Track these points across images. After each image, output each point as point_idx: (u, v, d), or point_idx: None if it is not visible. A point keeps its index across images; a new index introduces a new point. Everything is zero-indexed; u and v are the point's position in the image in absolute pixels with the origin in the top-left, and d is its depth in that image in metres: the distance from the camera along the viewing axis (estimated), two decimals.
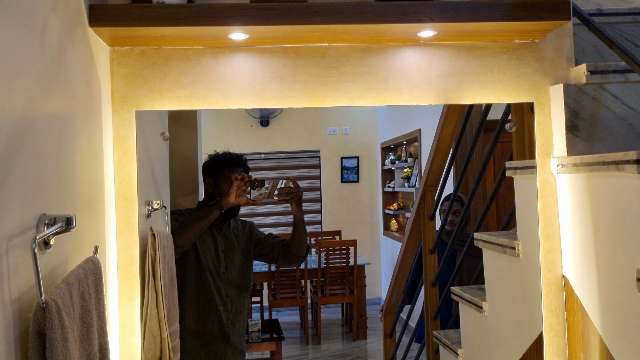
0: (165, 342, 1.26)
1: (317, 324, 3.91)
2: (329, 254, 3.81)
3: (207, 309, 1.65)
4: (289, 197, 1.58)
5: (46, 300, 0.70)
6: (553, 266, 1.21)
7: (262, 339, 2.78)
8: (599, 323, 1.09)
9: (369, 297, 4.31)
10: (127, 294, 1.15)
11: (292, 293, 3.87)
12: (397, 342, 2.64)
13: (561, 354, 1.21)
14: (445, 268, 2.08)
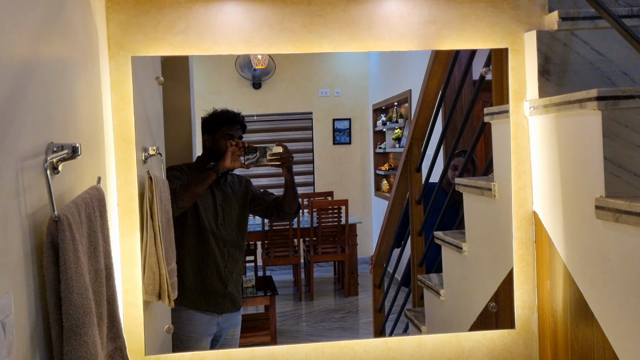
0: (164, 278, 1.35)
1: (310, 281, 4.03)
2: (321, 213, 3.90)
3: (205, 259, 1.74)
4: (280, 162, 1.70)
5: (59, 215, 0.78)
6: (524, 202, 1.31)
7: (256, 294, 2.89)
8: (563, 252, 1.19)
9: (360, 256, 4.42)
10: (127, 228, 1.24)
11: (285, 252, 3.97)
12: (385, 292, 2.76)
13: (530, 282, 1.31)
14: (432, 219, 2.17)
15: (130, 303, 1.23)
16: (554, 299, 1.24)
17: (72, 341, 0.79)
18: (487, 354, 1.31)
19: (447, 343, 1.31)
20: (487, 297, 1.45)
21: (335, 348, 1.29)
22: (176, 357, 1.26)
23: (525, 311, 1.32)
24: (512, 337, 1.31)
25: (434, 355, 1.31)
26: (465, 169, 1.98)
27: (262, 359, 1.27)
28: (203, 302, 1.73)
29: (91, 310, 0.82)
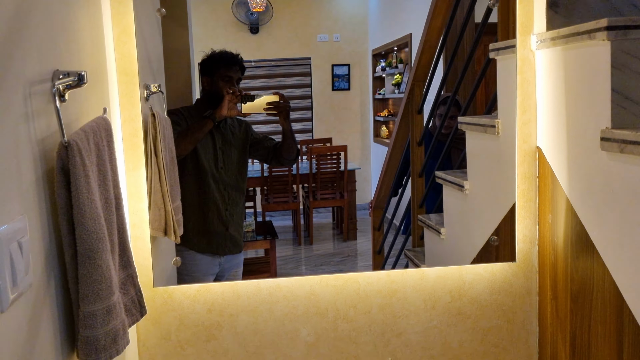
0: (169, 215, 1.36)
1: (309, 226, 4.08)
2: (320, 160, 3.91)
3: (206, 202, 1.75)
4: (277, 111, 1.70)
5: (68, 140, 0.78)
6: (528, 137, 1.31)
7: (256, 239, 2.93)
8: (566, 185, 1.20)
9: (359, 202, 4.47)
10: (132, 163, 1.24)
11: (284, 197, 4.00)
12: (384, 235, 2.80)
13: (531, 216, 1.33)
14: (432, 163, 2.18)
15: (137, 237, 1.25)
16: (555, 233, 1.26)
17: (86, 265, 0.80)
18: (488, 286, 1.34)
19: (448, 276, 1.34)
20: (488, 233, 1.47)
21: (339, 280, 1.32)
22: (183, 288, 1.28)
23: (526, 245, 1.34)
24: (512, 270, 1.34)
25: (435, 288, 1.34)
26: (447, 115, 1.98)
27: (267, 290, 1.30)
28: (205, 244, 1.75)
29: (104, 235, 0.83)
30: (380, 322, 1.32)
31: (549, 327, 1.31)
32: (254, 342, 1.29)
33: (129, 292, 0.99)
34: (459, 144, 1.84)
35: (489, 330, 1.34)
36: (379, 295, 1.32)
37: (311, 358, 1.30)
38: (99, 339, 0.83)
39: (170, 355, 1.27)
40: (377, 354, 1.32)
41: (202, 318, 1.28)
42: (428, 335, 1.33)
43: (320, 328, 1.30)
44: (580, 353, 1.18)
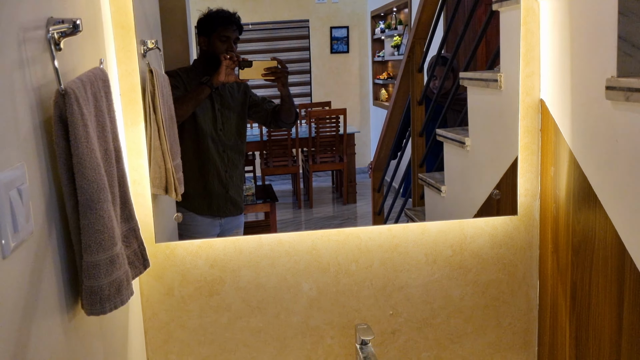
0: (170, 172, 1.35)
1: (309, 190, 4.08)
2: (319, 123, 3.89)
3: (205, 164, 1.74)
4: (275, 77, 1.70)
5: (65, 88, 0.76)
6: (531, 90, 1.29)
7: (256, 202, 2.93)
8: (569, 137, 1.19)
9: (359, 166, 4.46)
10: (131, 119, 1.23)
11: (284, 161, 4.00)
12: (384, 197, 2.81)
13: (534, 170, 1.33)
14: (431, 125, 2.16)
15: (138, 193, 1.25)
16: (557, 185, 1.25)
17: (88, 215, 0.80)
18: (489, 240, 1.35)
19: (450, 230, 1.35)
20: (489, 188, 1.47)
21: (340, 235, 1.32)
22: (185, 244, 1.29)
23: (528, 198, 1.34)
24: (513, 224, 1.35)
25: (437, 242, 1.34)
26: (446, 77, 1.95)
27: (269, 245, 1.31)
28: (205, 206, 1.75)
29: (105, 186, 0.83)
30: (381, 277, 1.33)
31: (549, 280, 1.32)
32: (257, 296, 1.30)
33: (132, 245, 0.99)
34: (457, 106, 1.82)
35: (490, 284, 1.35)
36: (380, 250, 1.33)
37: (313, 312, 1.32)
38: (103, 289, 0.83)
39: (174, 310, 1.28)
40: (379, 308, 1.33)
41: (205, 273, 1.28)
42: (429, 288, 1.34)
43: (322, 282, 1.31)
44: (580, 305, 1.19)
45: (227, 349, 1.30)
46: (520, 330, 1.38)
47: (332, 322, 1.32)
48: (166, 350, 1.29)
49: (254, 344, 1.31)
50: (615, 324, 1.07)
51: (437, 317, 1.35)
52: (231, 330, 1.30)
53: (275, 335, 1.31)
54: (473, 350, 1.37)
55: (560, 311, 1.27)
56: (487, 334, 1.37)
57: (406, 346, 1.35)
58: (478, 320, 1.36)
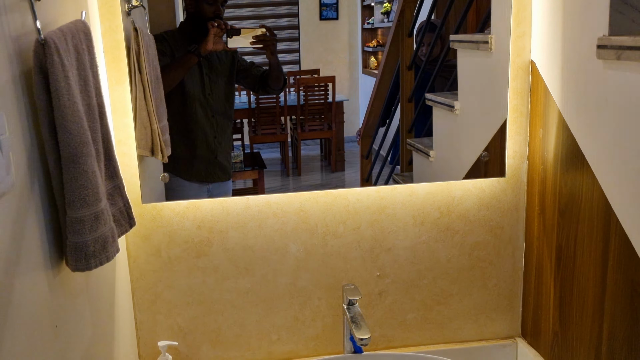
0: (156, 134, 1.33)
1: (297, 158, 4.07)
2: (308, 91, 3.85)
3: (193, 128, 1.72)
4: (264, 45, 1.68)
5: (45, 38, 0.74)
6: (522, 51, 1.28)
7: (244, 169, 2.92)
8: (559, 99, 1.18)
9: (347, 134, 4.45)
10: (115, 77, 1.20)
11: (272, 129, 3.97)
12: (372, 163, 2.80)
13: (522, 132, 1.32)
14: (419, 92, 2.15)
15: (124, 153, 1.23)
16: (546, 147, 1.25)
17: (71, 169, 0.78)
18: (476, 202, 1.35)
19: (437, 192, 1.35)
20: (477, 152, 1.47)
21: (328, 197, 1.32)
22: (172, 205, 1.28)
23: (516, 160, 1.34)
24: (501, 186, 1.35)
25: (424, 204, 1.34)
26: (435, 44, 1.93)
27: (257, 207, 1.30)
28: (193, 171, 1.74)
29: (88, 140, 0.81)
30: (369, 238, 1.33)
31: (535, 242, 1.33)
32: (244, 258, 1.30)
33: (117, 203, 0.98)
34: (445, 72, 1.81)
35: (476, 245, 1.36)
36: (368, 212, 1.33)
37: (301, 273, 1.32)
38: (88, 245, 0.82)
39: (161, 271, 1.28)
40: (366, 269, 1.34)
41: (192, 234, 1.28)
42: (416, 250, 1.35)
43: (309, 244, 1.31)
44: (565, 265, 1.20)
45: (215, 310, 1.31)
46: (505, 292, 1.39)
47: (319, 283, 1.33)
48: (154, 311, 1.29)
49: (241, 305, 1.31)
50: (599, 284, 1.08)
51: (424, 278, 1.36)
52: (219, 291, 1.30)
53: (262, 296, 1.31)
54: (459, 311, 1.39)
55: (545, 272, 1.29)
56: (472, 295, 1.38)
57: (393, 307, 1.37)
58: (464, 281, 1.37)
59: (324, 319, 1.35)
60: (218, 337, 1.32)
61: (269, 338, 1.34)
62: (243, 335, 1.33)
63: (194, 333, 1.31)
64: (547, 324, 1.29)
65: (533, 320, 1.36)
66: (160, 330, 1.30)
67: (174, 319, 1.30)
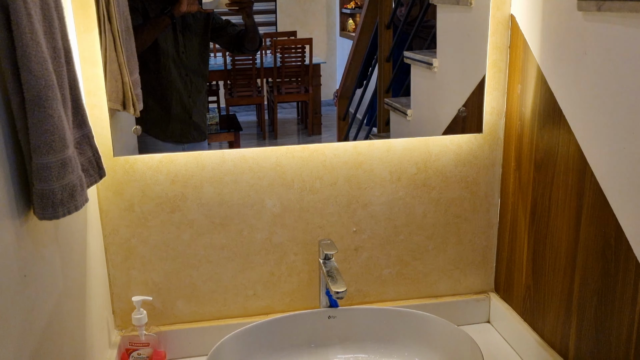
0: (127, 86, 1.29)
1: (274, 121, 4.03)
2: (284, 52, 3.79)
3: (167, 88, 1.68)
4: (240, 7, 1.64)
5: None
6: (502, 5, 1.26)
7: (220, 131, 2.88)
8: (538, 53, 1.18)
9: (324, 98, 4.41)
10: (84, 25, 1.15)
11: (248, 92, 3.91)
12: (349, 125, 2.79)
13: (500, 88, 1.32)
14: (397, 52, 2.12)
15: (94, 104, 1.19)
16: (523, 103, 1.25)
17: (35, 113, 0.75)
18: (453, 158, 1.35)
19: (415, 147, 1.34)
20: (455, 109, 1.46)
21: (305, 152, 1.31)
22: (145, 158, 1.25)
23: (493, 117, 1.34)
24: (478, 142, 1.35)
25: (402, 160, 1.34)
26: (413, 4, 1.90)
27: (232, 161, 1.28)
28: (168, 131, 1.70)
29: (53, 84, 0.78)
30: (345, 194, 1.32)
31: (510, 197, 1.34)
32: (220, 213, 1.28)
33: (86, 152, 0.95)
34: (423, 33, 1.79)
35: (453, 202, 1.37)
36: (345, 167, 1.32)
37: (277, 229, 1.31)
38: (55, 193, 0.79)
39: (134, 227, 1.25)
40: (343, 225, 1.34)
41: (166, 189, 1.25)
42: (393, 206, 1.34)
43: (285, 199, 1.30)
44: (539, 220, 1.21)
45: (190, 265, 1.29)
46: (479, 247, 1.41)
47: (295, 239, 1.32)
48: (127, 266, 1.27)
49: (217, 260, 1.30)
50: (573, 236, 1.10)
51: (400, 234, 1.36)
52: (194, 247, 1.29)
53: (238, 251, 1.30)
54: (434, 266, 1.40)
55: (519, 227, 1.30)
56: (447, 250, 1.40)
57: (369, 262, 1.37)
58: (439, 237, 1.38)
59: (300, 275, 1.35)
60: (193, 292, 1.31)
61: (245, 293, 1.33)
62: (218, 291, 1.32)
63: (169, 288, 1.30)
64: (519, 278, 1.31)
65: (506, 275, 1.38)
66: (134, 285, 1.28)
67: (148, 274, 1.28)
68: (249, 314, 1.35)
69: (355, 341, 1.24)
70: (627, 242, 0.94)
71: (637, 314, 0.93)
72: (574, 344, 1.12)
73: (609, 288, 1.00)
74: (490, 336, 1.38)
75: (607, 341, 1.02)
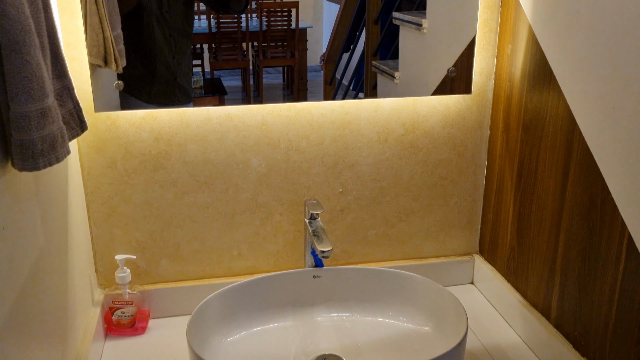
0: (109, 41, 1.25)
1: (259, 86, 3.98)
2: (270, 16, 3.72)
3: (151, 48, 1.64)
4: None
5: None
6: None
7: (204, 95, 2.83)
8: (530, 12, 1.16)
9: (310, 64, 4.36)
10: None
11: (233, 55, 3.85)
12: (336, 90, 2.76)
13: (491, 48, 1.30)
14: (386, 15, 2.09)
15: (73, 57, 1.15)
16: (514, 64, 1.23)
17: (12, 59, 0.72)
18: (441, 119, 1.34)
19: (403, 108, 1.33)
20: (444, 71, 1.44)
21: (292, 110, 1.28)
22: (128, 114, 1.22)
23: (483, 78, 1.32)
24: (466, 103, 1.33)
25: (389, 120, 1.32)
26: None
27: (217, 119, 1.26)
28: (153, 93, 1.66)
29: (31, 29, 0.74)
30: (332, 154, 1.31)
31: (497, 159, 1.33)
32: (204, 172, 1.26)
33: (66, 104, 0.92)
34: None
35: (439, 163, 1.36)
36: (332, 127, 1.30)
37: (262, 189, 1.30)
38: (35, 143, 0.77)
39: (117, 185, 1.23)
40: (329, 186, 1.33)
41: (149, 147, 1.23)
42: (380, 167, 1.34)
43: (271, 159, 1.28)
44: (526, 181, 1.21)
45: (174, 224, 1.28)
46: (465, 209, 1.41)
47: (281, 199, 1.31)
48: (110, 225, 1.25)
49: (201, 220, 1.29)
50: (559, 197, 1.10)
51: (386, 195, 1.36)
52: (178, 206, 1.27)
53: (223, 211, 1.29)
54: (419, 227, 1.40)
55: (505, 189, 1.30)
56: (433, 212, 1.40)
57: (354, 223, 1.37)
58: (425, 199, 1.38)
59: (285, 235, 1.34)
60: (177, 251, 1.30)
61: (230, 253, 1.33)
62: (203, 251, 1.31)
63: (153, 247, 1.28)
64: (504, 239, 1.32)
65: (491, 237, 1.39)
66: (118, 244, 1.27)
67: (131, 233, 1.27)
68: (234, 273, 1.34)
69: (340, 300, 1.24)
70: (612, 201, 0.95)
71: (621, 273, 0.94)
72: (556, 304, 1.13)
73: (593, 248, 1.01)
74: (473, 297, 1.40)
75: (589, 300, 1.03)
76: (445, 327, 1.14)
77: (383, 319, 1.22)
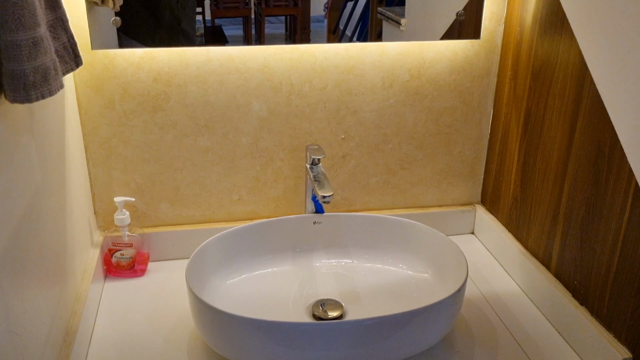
0: None
1: (261, 36, 3.90)
2: None
3: None
4: None
5: None
6: None
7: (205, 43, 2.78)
8: None
9: (313, 14, 4.26)
10: None
11: (235, 3, 3.76)
12: (340, 38, 2.70)
13: None
14: None
15: None
16: (525, 8, 1.19)
17: None
18: (448, 65, 1.30)
19: (409, 52, 1.29)
20: (452, 16, 1.39)
21: (295, 53, 1.25)
22: (126, 53, 1.18)
23: (492, 22, 1.28)
24: (474, 49, 1.30)
25: (394, 66, 1.29)
26: None
27: (218, 60, 1.22)
28: (156, 38, 1.62)
29: None
30: (335, 99, 1.28)
31: (503, 108, 1.30)
32: (204, 114, 1.23)
33: (60, 37, 0.88)
34: None
35: (444, 111, 1.33)
36: (335, 71, 1.27)
37: (263, 133, 1.27)
38: (27, 74, 0.74)
39: (115, 126, 1.21)
40: (331, 131, 1.30)
41: (148, 87, 1.20)
42: (383, 114, 1.31)
43: (273, 103, 1.25)
44: (532, 130, 1.19)
45: (173, 167, 1.26)
46: (469, 158, 1.39)
47: (282, 144, 1.29)
48: (109, 166, 1.24)
49: (201, 163, 1.27)
50: (565, 146, 1.08)
51: (389, 142, 1.34)
52: (177, 148, 1.25)
53: (223, 155, 1.27)
54: (422, 176, 1.39)
55: (510, 138, 1.28)
56: (436, 161, 1.38)
57: (356, 170, 1.35)
58: (429, 147, 1.36)
59: (286, 181, 1.32)
60: (177, 195, 1.29)
61: (230, 198, 1.31)
62: (202, 194, 1.30)
63: (152, 190, 1.27)
64: (507, 189, 1.31)
65: (494, 187, 1.38)
66: (116, 186, 1.25)
67: (130, 175, 1.25)
68: (234, 218, 1.34)
69: (339, 247, 1.24)
70: (621, 149, 0.92)
71: (625, 222, 0.93)
72: (557, 253, 1.13)
73: (598, 197, 1.00)
74: (473, 246, 1.39)
75: (591, 249, 1.02)
76: (444, 274, 1.14)
77: (382, 265, 1.22)
